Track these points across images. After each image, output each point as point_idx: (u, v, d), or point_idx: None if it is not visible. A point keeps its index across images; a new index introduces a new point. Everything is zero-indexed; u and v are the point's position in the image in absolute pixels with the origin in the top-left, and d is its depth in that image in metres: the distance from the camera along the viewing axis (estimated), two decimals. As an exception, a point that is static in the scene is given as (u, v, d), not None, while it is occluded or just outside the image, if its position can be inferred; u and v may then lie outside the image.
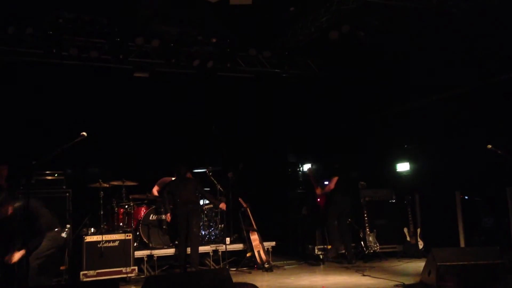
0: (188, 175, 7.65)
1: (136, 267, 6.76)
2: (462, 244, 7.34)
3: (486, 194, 6.23)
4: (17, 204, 5.05)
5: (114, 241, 6.72)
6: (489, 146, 5.89)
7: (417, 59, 7.94)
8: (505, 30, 6.54)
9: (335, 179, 7.91)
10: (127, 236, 6.79)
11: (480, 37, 6.88)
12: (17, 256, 4.87)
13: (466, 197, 7.33)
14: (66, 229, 5.95)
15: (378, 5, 7.10)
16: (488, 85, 7.28)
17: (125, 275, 6.66)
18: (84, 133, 5.26)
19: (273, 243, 7.84)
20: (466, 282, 4.90)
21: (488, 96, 7.26)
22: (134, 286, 6.43)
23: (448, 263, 5.07)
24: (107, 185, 7.23)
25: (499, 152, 5.81)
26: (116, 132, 8.72)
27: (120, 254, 6.69)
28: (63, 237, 5.60)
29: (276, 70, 9.41)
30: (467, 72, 7.42)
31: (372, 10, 7.48)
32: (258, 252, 7.51)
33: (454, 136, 7.55)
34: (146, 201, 7.88)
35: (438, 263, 5.05)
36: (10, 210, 5.00)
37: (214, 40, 8.60)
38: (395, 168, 9.04)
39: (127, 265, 6.69)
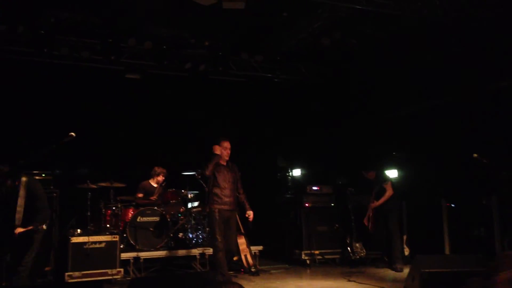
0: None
1: (122, 269, 6.72)
2: (447, 252, 7.39)
3: (472, 203, 6.30)
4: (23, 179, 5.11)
5: (100, 242, 6.68)
6: (475, 155, 5.97)
7: (407, 67, 8.02)
8: (494, 39, 6.64)
9: (389, 183, 7.83)
10: (114, 237, 6.76)
11: (469, 46, 6.96)
12: (20, 229, 4.99)
13: (452, 205, 7.40)
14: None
15: (369, 13, 7.17)
16: (477, 94, 7.36)
17: (110, 277, 6.61)
18: (73, 133, 5.27)
19: (260, 247, 7.85)
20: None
21: (475, 106, 7.35)
22: (119, 288, 6.41)
23: (431, 270, 5.11)
24: (95, 186, 7.22)
25: (485, 161, 5.89)
26: (105, 133, 8.72)
27: (106, 256, 6.64)
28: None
29: (268, 74, 9.46)
30: (455, 81, 7.51)
31: (364, 19, 7.57)
32: (245, 256, 7.52)
33: (442, 144, 7.62)
34: (134, 203, 7.87)
35: (422, 270, 5.10)
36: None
37: (206, 43, 8.63)
38: (384, 175, 9.07)
39: (112, 267, 6.64)
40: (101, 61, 8.25)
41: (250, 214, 6.66)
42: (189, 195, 8.22)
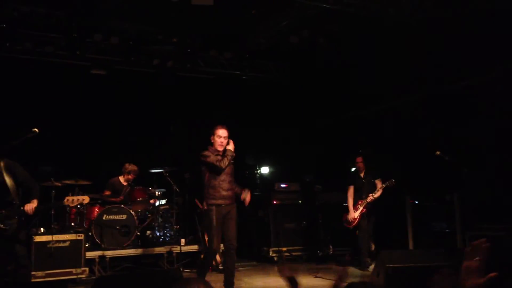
0: None
1: (87, 268, 6.62)
2: (411, 247, 7.56)
3: (434, 199, 6.46)
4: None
5: (64, 241, 6.55)
6: (438, 152, 6.13)
7: (372, 67, 8.15)
8: (454, 41, 6.82)
9: (380, 179, 7.58)
10: (79, 236, 6.64)
11: (432, 46, 7.13)
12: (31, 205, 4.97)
13: (416, 202, 7.57)
14: None
15: (336, 13, 7.25)
16: (438, 93, 7.56)
17: (75, 276, 6.50)
18: (36, 129, 5.14)
19: (229, 245, 7.83)
20: (412, 283, 5.04)
21: (437, 104, 7.55)
22: (84, 287, 6.30)
23: (396, 265, 5.22)
24: (59, 184, 7.06)
25: (447, 158, 6.05)
26: (70, 130, 8.53)
27: (71, 255, 6.52)
28: None
29: (237, 72, 9.45)
30: (419, 81, 7.68)
31: (332, 18, 7.65)
32: (213, 253, 7.49)
33: (406, 142, 7.78)
34: (99, 201, 7.74)
35: (387, 265, 5.19)
36: None
37: (174, 39, 8.56)
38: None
39: (77, 266, 6.53)
40: (65, 56, 8.07)
41: (246, 194, 6.18)
42: (157, 193, 8.14)
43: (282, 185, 8.74)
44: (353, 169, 7.92)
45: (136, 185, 8.08)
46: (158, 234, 7.83)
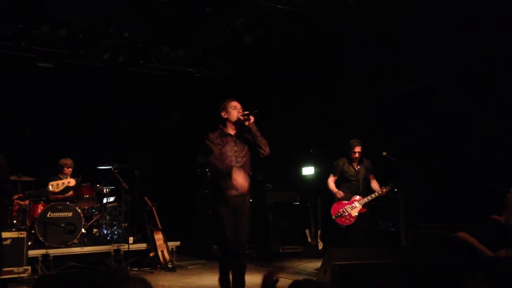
0: None
1: (29, 267, 6.39)
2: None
3: (381, 199, 6.64)
4: None
5: (6, 239, 6.25)
6: (384, 153, 6.30)
7: (328, 67, 8.30)
8: (404, 44, 7.05)
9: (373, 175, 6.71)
10: (21, 234, 6.39)
11: (383, 49, 7.34)
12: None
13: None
14: None
15: (290, 13, 7.34)
16: (389, 95, 7.79)
17: (16, 275, 6.27)
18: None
19: (178, 243, 7.77)
20: (358, 280, 5.17)
21: (387, 106, 7.77)
22: (26, 286, 6.07)
23: (343, 262, 5.34)
24: (1, 180, 6.77)
25: (392, 159, 6.24)
26: (14, 124, 8.20)
27: (12, 253, 6.25)
28: None
29: (190, 69, 9.38)
30: (370, 83, 7.89)
31: (286, 18, 7.73)
32: (162, 252, 7.41)
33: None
34: (44, 198, 7.47)
35: (334, 262, 5.30)
36: None
37: (126, 34, 8.39)
38: (300, 172, 9.34)
39: (19, 264, 6.29)
40: (10, 48, 7.76)
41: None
42: (105, 190, 7.95)
43: (233, 184, 8.73)
44: (340, 159, 6.74)
45: (83, 182, 7.85)
46: (105, 232, 7.65)
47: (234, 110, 4.84)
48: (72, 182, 5.04)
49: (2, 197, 4.91)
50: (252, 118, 4.71)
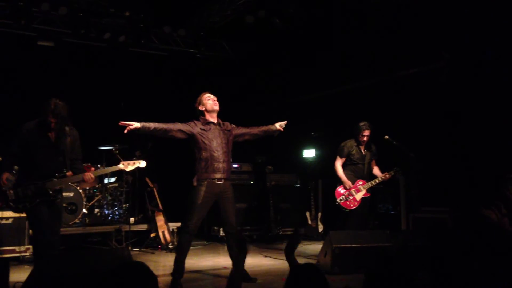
0: None
1: (31, 246, 6.41)
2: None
3: (381, 182, 6.64)
4: None
5: (7, 218, 6.31)
6: (386, 136, 6.28)
7: (329, 50, 8.22)
8: (411, 26, 6.98)
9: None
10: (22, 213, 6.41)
11: (390, 30, 7.26)
12: None
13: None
14: None
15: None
16: (390, 79, 7.74)
17: (18, 254, 6.31)
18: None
19: (179, 224, 7.79)
20: (358, 263, 5.20)
21: (389, 90, 7.73)
22: (28, 265, 6.10)
23: (343, 245, 5.37)
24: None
25: (395, 143, 6.22)
26: (14, 102, 8.15)
27: (14, 232, 6.29)
28: None
29: (191, 50, 9.29)
30: (372, 66, 7.83)
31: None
32: (163, 232, 7.45)
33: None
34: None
35: (334, 245, 5.33)
36: None
37: (127, 13, 8.28)
38: (301, 154, 9.33)
39: (21, 244, 6.33)
40: (10, 26, 7.66)
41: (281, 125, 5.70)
42: (106, 171, 7.95)
43: (234, 166, 8.73)
44: (348, 141, 6.61)
45: (84, 162, 7.84)
46: (106, 212, 7.68)
47: (209, 100, 5.35)
48: (143, 163, 5.25)
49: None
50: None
